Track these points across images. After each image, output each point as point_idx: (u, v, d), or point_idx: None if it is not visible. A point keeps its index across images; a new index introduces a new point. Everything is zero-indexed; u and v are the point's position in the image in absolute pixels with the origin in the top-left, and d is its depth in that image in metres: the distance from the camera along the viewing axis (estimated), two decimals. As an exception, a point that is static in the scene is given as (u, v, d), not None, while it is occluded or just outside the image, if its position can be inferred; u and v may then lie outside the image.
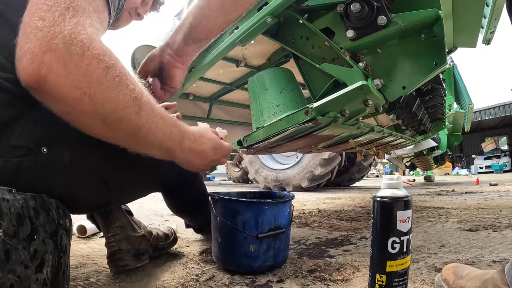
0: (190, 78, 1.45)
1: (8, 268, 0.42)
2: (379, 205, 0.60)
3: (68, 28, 0.43)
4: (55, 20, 0.43)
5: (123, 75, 0.48)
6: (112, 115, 0.48)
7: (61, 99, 0.45)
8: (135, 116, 0.50)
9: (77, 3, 0.46)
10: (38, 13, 0.43)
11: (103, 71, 0.46)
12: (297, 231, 1.46)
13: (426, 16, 0.79)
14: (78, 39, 0.43)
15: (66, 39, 0.42)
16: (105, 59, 0.46)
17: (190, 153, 0.63)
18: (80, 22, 0.45)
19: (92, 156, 0.63)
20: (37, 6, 0.44)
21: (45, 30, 0.42)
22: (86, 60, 0.44)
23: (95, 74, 0.45)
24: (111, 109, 0.47)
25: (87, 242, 1.29)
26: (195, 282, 0.79)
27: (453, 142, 4.72)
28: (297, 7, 0.98)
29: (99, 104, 0.46)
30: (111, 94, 0.47)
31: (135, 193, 0.84)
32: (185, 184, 0.97)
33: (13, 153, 0.54)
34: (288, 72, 1.17)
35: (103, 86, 0.46)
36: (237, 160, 7.89)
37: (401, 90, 0.87)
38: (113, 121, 0.49)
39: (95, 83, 0.45)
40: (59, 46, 0.42)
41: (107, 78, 0.46)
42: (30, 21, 0.43)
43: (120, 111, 0.48)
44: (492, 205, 2.25)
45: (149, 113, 0.52)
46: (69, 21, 0.44)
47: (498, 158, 12.77)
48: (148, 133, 0.53)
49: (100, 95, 0.46)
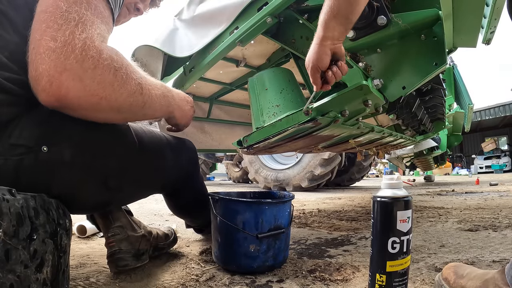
0: (190, 78, 1.45)
1: (8, 268, 0.42)
2: (379, 205, 0.60)
3: (79, 46, 0.47)
4: (65, 39, 0.46)
5: (128, 69, 0.55)
6: (124, 104, 0.56)
7: (82, 108, 0.51)
8: (140, 96, 0.59)
9: (85, 18, 0.50)
10: (49, 32, 0.46)
11: (113, 74, 0.52)
12: (297, 231, 1.46)
13: (426, 16, 0.79)
14: (89, 55, 0.48)
15: (78, 57, 0.47)
16: (113, 64, 0.52)
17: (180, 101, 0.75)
18: (89, 36, 0.49)
19: (92, 155, 0.63)
20: (47, 24, 0.47)
21: (58, 51, 0.45)
22: (98, 71, 0.49)
23: (107, 79, 0.51)
24: (123, 100, 0.55)
25: (87, 242, 1.29)
26: (195, 282, 0.79)
27: (453, 142, 4.72)
28: (297, 7, 0.98)
29: (113, 100, 0.53)
30: (121, 90, 0.54)
31: (136, 193, 0.84)
32: (186, 185, 0.97)
33: (13, 152, 0.54)
34: (288, 72, 1.17)
35: (115, 86, 0.53)
36: (237, 160, 7.89)
37: (401, 90, 0.87)
38: (126, 107, 0.57)
39: (108, 86, 0.52)
40: (73, 65, 0.46)
41: (117, 79, 0.53)
42: (42, 40, 0.46)
43: (130, 98, 0.56)
44: (492, 205, 2.25)
45: (148, 88, 0.61)
46: (78, 37, 0.47)
47: (498, 158, 12.76)
48: (151, 103, 0.63)
49: (114, 94, 0.53)
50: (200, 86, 1.76)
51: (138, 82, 0.58)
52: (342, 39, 0.75)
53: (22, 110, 0.56)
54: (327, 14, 0.71)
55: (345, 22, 0.72)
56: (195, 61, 1.38)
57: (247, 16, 1.10)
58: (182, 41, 1.35)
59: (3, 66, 0.53)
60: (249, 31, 1.04)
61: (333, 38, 0.73)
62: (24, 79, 0.55)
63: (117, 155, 0.68)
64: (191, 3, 1.40)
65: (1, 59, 0.53)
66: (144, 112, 0.63)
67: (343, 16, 0.70)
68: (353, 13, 0.70)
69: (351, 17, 0.71)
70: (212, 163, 9.36)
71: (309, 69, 0.78)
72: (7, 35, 0.55)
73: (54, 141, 0.58)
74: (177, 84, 1.57)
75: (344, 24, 0.72)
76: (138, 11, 0.98)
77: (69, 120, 0.60)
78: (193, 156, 0.96)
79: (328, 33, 0.73)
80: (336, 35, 0.73)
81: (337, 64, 0.76)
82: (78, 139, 0.60)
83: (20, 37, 0.55)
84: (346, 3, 0.68)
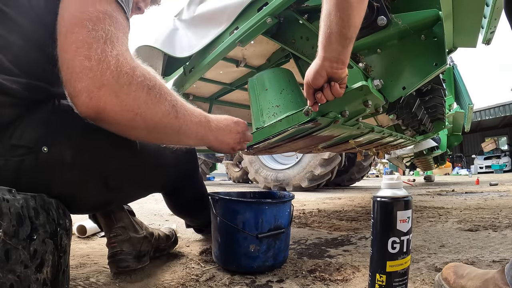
0: (190, 78, 1.45)
1: (8, 268, 0.43)
2: (379, 205, 0.60)
3: (113, 63, 0.50)
4: (99, 57, 0.49)
5: (162, 90, 0.57)
6: (159, 125, 0.57)
7: (117, 123, 0.53)
8: (175, 120, 0.59)
9: (111, 34, 0.51)
10: (82, 52, 0.48)
11: (147, 92, 0.54)
12: (297, 231, 1.46)
13: (426, 16, 0.79)
14: (123, 71, 0.51)
15: (114, 73, 0.49)
16: (146, 82, 0.54)
17: (218, 131, 0.73)
18: (120, 53, 0.51)
19: (92, 156, 0.63)
20: (77, 45, 0.49)
21: (94, 69, 0.48)
22: (133, 87, 0.52)
23: (142, 96, 0.53)
24: (157, 119, 0.56)
25: (87, 242, 1.29)
26: (195, 282, 0.79)
27: (453, 142, 4.73)
28: (297, 7, 0.98)
29: (148, 118, 0.55)
30: (156, 108, 0.55)
31: (135, 193, 0.84)
32: (186, 185, 0.97)
33: (14, 152, 0.54)
34: (288, 72, 1.17)
35: (149, 104, 0.54)
36: (237, 160, 7.89)
37: (401, 91, 0.87)
38: (160, 129, 0.58)
39: (143, 103, 0.53)
40: (110, 81, 0.49)
41: (151, 97, 0.54)
42: (75, 61, 0.48)
43: (165, 120, 0.57)
44: (492, 205, 2.25)
45: (184, 113, 0.61)
46: (110, 54, 0.50)
47: (498, 158, 12.76)
48: (186, 129, 0.62)
49: (148, 111, 0.54)
50: (200, 86, 1.76)
51: (173, 104, 0.58)
52: (343, 62, 0.71)
53: (23, 112, 0.56)
54: (322, 33, 0.69)
55: (342, 40, 0.67)
56: (195, 61, 1.38)
57: (247, 16, 1.10)
58: (182, 41, 1.35)
59: (5, 68, 0.53)
60: (249, 32, 1.04)
61: (331, 59, 0.70)
62: (26, 82, 0.55)
63: (117, 155, 0.68)
64: (191, 3, 1.40)
65: (3, 61, 0.53)
66: (178, 138, 0.63)
67: (338, 34, 0.66)
68: (348, 28, 0.66)
69: (346, 33, 0.66)
70: (212, 163, 9.36)
71: (305, 84, 0.79)
72: (10, 36, 0.55)
73: (55, 142, 0.58)
74: (177, 84, 1.57)
75: (341, 42, 0.68)
76: (139, 10, 0.98)
77: (69, 121, 0.60)
78: (192, 156, 0.96)
79: (327, 53, 0.70)
80: (335, 55, 0.69)
81: (330, 84, 0.74)
82: (78, 139, 0.61)
83: (24, 40, 0.56)
84: (337, 18, 0.65)
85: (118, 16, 0.55)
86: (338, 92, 0.75)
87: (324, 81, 0.74)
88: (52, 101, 0.61)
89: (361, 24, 0.68)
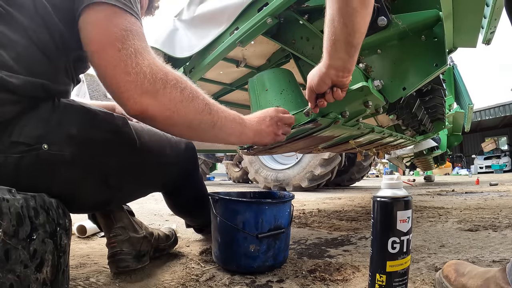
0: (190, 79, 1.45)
1: (8, 267, 0.43)
2: (379, 205, 0.60)
3: (148, 72, 0.58)
4: (136, 71, 0.57)
5: (194, 90, 0.65)
6: (194, 120, 0.65)
7: (158, 121, 0.62)
8: (209, 116, 0.67)
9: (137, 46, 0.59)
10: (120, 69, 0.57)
11: (181, 93, 0.62)
12: (297, 231, 1.46)
13: (427, 17, 0.79)
14: (158, 77, 0.59)
15: (151, 81, 0.58)
16: (179, 85, 0.62)
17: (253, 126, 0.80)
18: (151, 62, 0.60)
19: (92, 153, 0.64)
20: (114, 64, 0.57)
21: (134, 81, 0.57)
22: (168, 90, 0.60)
23: (176, 97, 0.61)
24: (192, 115, 0.64)
25: (87, 242, 1.29)
26: (195, 282, 0.79)
27: (453, 142, 4.73)
28: (297, 7, 0.98)
29: (184, 115, 0.63)
30: (190, 106, 0.63)
31: (136, 192, 0.84)
32: (186, 184, 0.97)
33: (14, 149, 0.54)
34: (288, 72, 1.17)
35: (184, 103, 0.62)
36: (237, 160, 7.89)
37: (402, 91, 0.87)
38: (196, 124, 0.66)
39: (178, 103, 0.62)
40: (148, 88, 0.58)
41: (184, 97, 0.62)
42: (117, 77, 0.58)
43: (199, 116, 0.65)
44: (492, 205, 2.25)
45: (217, 111, 0.69)
46: (144, 65, 0.58)
47: (498, 158, 12.76)
48: (221, 125, 0.70)
49: (183, 109, 0.62)
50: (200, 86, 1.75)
51: (206, 102, 0.67)
52: (349, 70, 0.71)
53: (23, 109, 0.57)
54: (327, 40, 0.67)
55: (347, 48, 0.66)
56: (195, 61, 1.38)
57: (247, 16, 1.10)
58: (182, 41, 1.35)
59: (7, 66, 0.54)
60: (249, 32, 1.04)
61: (337, 68, 0.69)
62: (27, 79, 0.56)
63: (117, 153, 0.68)
64: (191, 4, 1.40)
65: (6, 59, 0.54)
66: (215, 132, 0.70)
67: (343, 41, 0.65)
68: (354, 35, 0.64)
69: (351, 41, 0.64)
70: (212, 163, 9.36)
71: (307, 88, 0.79)
72: (14, 35, 0.56)
73: (55, 139, 0.58)
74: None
75: (347, 51, 0.66)
76: None
77: (70, 119, 0.61)
78: (192, 155, 0.96)
79: (332, 61, 0.69)
80: (341, 64, 0.68)
81: (332, 89, 0.75)
82: (78, 137, 0.61)
83: (28, 40, 0.58)
84: (341, 24, 0.63)
85: (136, 27, 0.62)
86: (340, 96, 0.76)
87: (328, 87, 0.75)
88: (52, 99, 0.62)
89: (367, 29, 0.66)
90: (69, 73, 0.68)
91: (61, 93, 0.64)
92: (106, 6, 0.59)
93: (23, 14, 0.58)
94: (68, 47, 0.64)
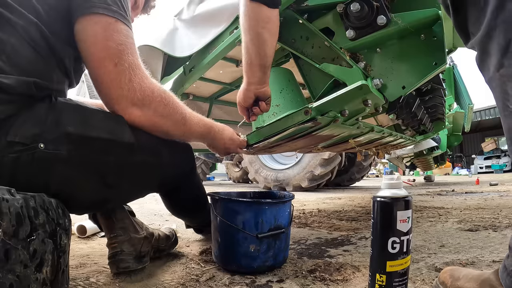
0: (190, 78, 1.45)
1: (8, 267, 0.42)
2: (379, 205, 0.60)
3: (138, 89, 0.70)
4: (128, 87, 0.68)
5: (175, 105, 0.77)
6: (172, 131, 0.80)
7: (145, 128, 0.75)
8: (183, 126, 0.81)
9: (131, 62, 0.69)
10: (115, 83, 0.68)
11: (164, 108, 0.75)
12: (297, 231, 1.46)
13: (426, 16, 0.79)
14: (145, 94, 0.71)
15: (139, 96, 0.70)
16: (163, 101, 0.74)
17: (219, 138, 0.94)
18: (141, 79, 0.71)
19: (88, 153, 0.64)
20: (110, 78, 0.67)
21: (125, 95, 0.69)
22: (153, 105, 0.73)
23: (159, 111, 0.74)
24: (171, 127, 0.79)
25: (87, 242, 1.29)
26: (195, 282, 0.78)
27: (453, 142, 4.72)
28: (297, 7, 0.97)
29: (163, 124, 0.77)
30: (170, 119, 0.77)
31: (133, 191, 0.84)
32: (182, 185, 0.96)
33: (10, 149, 0.55)
34: (288, 72, 1.17)
35: (165, 117, 0.76)
36: (237, 160, 7.89)
37: (401, 90, 0.87)
38: (174, 132, 0.81)
39: (160, 116, 0.75)
40: (137, 102, 0.70)
41: (166, 111, 0.75)
42: (112, 89, 0.68)
43: (176, 128, 0.80)
44: (492, 205, 2.25)
45: (190, 121, 0.82)
46: (134, 81, 0.69)
47: (498, 158, 12.75)
48: (191, 131, 0.84)
49: (164, 122, 0.76)
50: (200, 86, 1.75)
51: (183, 116, 0.80)
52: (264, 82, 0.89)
53: (19, 109, 0.57)
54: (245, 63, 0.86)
55: (261, 69, 0.86)
56: (195, 61, 1.38)
57: (247, 16, 1.09)
58: (182, 41, 1.35)
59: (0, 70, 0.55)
60: (249, 31, 1.04)
61: (255, 83, 0.88)
62: (19, 79, 0.57)
63: (114, 152, 0.68)
64: (191, 3, 1.40)
65: None
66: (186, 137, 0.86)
67: (256, 65, 0.85)
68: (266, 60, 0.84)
69: (264, 64, 0.85)
70: (212, 163, 9.36)
71: (237, 105, 0.97)
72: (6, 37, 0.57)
73: (51, 139, 0.58)
74: (177, 84, 1.57)
75: (261, 70, 0.86)
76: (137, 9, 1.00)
77: (66, 118, 0.61)
78: (188, 155, 0.96)
79: (251, 79, 0.88)
80: (257, 80, 0.88)
81: (258, 104, 0.93)
82: (75, 136, 0.61)
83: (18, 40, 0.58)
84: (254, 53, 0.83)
85: (130, 40, 0.69)
86: (265, 108, 0.95)
87: (253, 100, 0.93)
88: (49, 98, 0.62)
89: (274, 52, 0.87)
90: (65, 71, 0.68)
91: (56, 91, 0.64)
92: (103, 17, 0.64)
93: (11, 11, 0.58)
94: (61, 44, 0.65)
